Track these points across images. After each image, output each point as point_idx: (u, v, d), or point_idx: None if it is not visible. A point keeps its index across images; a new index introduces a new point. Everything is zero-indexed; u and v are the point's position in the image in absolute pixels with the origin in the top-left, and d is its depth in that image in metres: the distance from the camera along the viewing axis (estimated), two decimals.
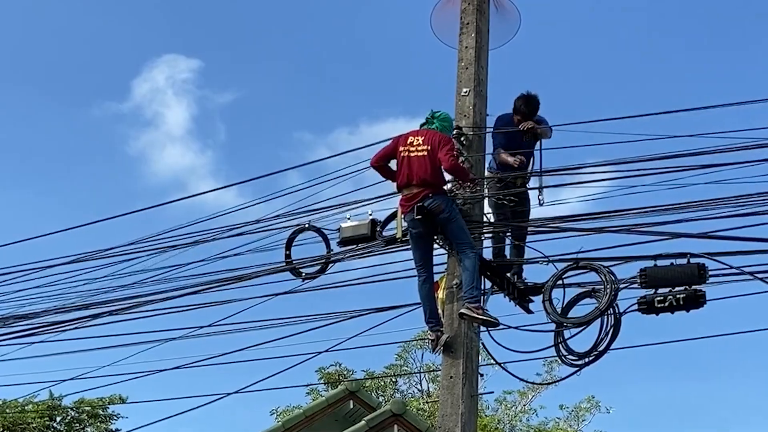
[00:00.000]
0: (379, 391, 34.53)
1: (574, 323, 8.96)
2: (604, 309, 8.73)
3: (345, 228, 9.88)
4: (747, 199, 8.64)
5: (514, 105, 10.26)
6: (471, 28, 10.08)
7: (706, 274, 8.50)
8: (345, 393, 18.59)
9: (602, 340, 8.89)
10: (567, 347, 9.11)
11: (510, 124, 10.15)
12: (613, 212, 9.17)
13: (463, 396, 9.03)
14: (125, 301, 10.84)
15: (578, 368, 9.08)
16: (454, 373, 9.11)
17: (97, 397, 28.48)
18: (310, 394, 32.72)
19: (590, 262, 8.96)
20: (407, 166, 9.32)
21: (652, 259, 8.68)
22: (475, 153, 9.69)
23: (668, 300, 8.48)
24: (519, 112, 10.20)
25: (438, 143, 9.28)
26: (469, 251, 9.10)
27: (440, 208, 9.12)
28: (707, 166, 8.96)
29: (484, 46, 10.10)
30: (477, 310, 8.99)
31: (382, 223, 9.80)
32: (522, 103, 10.22)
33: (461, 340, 9.16)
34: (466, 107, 9.81)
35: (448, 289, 9.36)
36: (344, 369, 34.02)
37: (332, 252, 10.05)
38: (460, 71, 9.96)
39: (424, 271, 9.32)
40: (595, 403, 35.16)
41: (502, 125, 10.12)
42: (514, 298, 9.75)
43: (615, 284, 8.72)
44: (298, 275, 10.24)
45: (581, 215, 9.40)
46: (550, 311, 8.99)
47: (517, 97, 10.26)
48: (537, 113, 10.20)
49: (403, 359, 34.97)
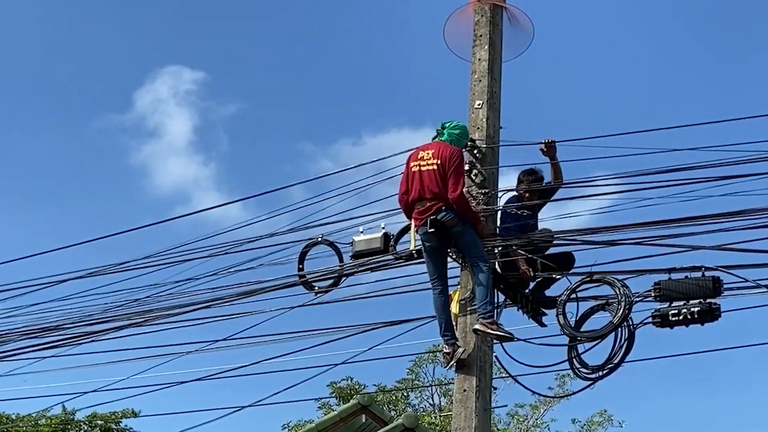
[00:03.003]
0: (391, 405, 34.45)
1: (588, 337, 8.95)
2: (619, 323, 8.71)
3: (358, 241, 9.87)
4: (762, 211, 8.60)
5: (518, 178, 10.20)
6: (484, 41, 10.07)
7: (721, 287, 8.49)
8: (357, 407, 18.52)
9: (616, 353, 8.88)
10: (581, 361, 9.09)
11: (525, 210, 9.93)
12: (627, 225, 9.13)
13: (476, 409, 9.00)
14: (139, 315, 10.84)
15: (592, 382, 9.06)
16: (467, 387, 9.09)
17: (110, 411, 28.48)
18: (322, 408, 32.69)
19: (604, 276, 8.95)
20: (419, 180, 9.28)
21: (666, 272, 8.66)
22: (488, 166, 9.67)
23: (683, 313, 8.45)
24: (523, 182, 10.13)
25: (448, 159, 9.20)
26: (483, 265, 9.06)
27: (453, 221, 9.09)
28: (721, 178, 8.92)
29: (498, 59, 10.09)
30: (491, 326, 8.96)
31: (396, 237, 9.79)
32: (524, 174, 10.16)
33: (475, 354, 9.14)
34: (479, 120, 9.80)
35: (461, 302, 9.35)
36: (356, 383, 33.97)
37: (345, 265, 10.05)
38: (473, 84, 9.96)
39: (438, 284, 9.27)
40: (608, 417, 35.10)
41: (513, 211, 9.86)
42: (527, 312, 9.73)
43: (629, 297, 8.70)
44: (311, 289, 10.24)
45: (594, 228, 9.37)
46: (564, 325, 8.97)
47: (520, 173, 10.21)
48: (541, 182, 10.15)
49: (414, 373, 34.95)
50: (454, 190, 9.11)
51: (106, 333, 11.04)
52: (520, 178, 10.20)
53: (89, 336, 11.09)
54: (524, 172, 10.17)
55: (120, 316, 10.95)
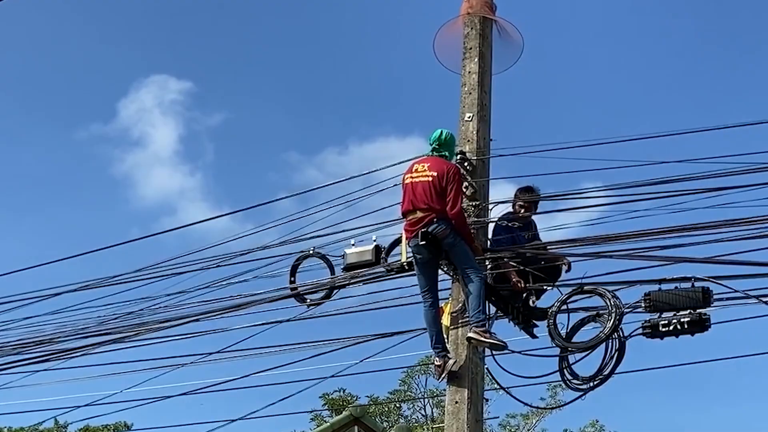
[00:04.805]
0: (384, 416, 34.44)
1: (579, 348, 8.99)
2: (609, 333, 8.75)
3: (349, 254, 9.90)
4: (751, 222, 8.65)
5: (514, 195, 10.22)
6: (474, 53, 10.12)
7: (711, 297, 8.53)
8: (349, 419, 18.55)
9: (607, 364, 8.92)
10: (572, 371, 9.13)
11: (515, 222, 9.99)
12: (617, 236, 9.18)
13: (468, 421, 9.03)
14: (131, 328, 10.85)
15: (583, 392, 9.10)
16: (459, 398, 9.12)
17: (103, 425, 28.46)
18: (315, 420, 32.65)
19: (595, 287, 8.98)
20: (411, 192, 9.28)
21: (656, 283, 8.70)
22: (479, 178, 9.71)
23: (673, 324, 8.49)
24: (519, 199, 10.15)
25: (446, 174, 9.20)
26: (474, 275, 9.08)
27: (445, 233, 9.09)
28: (709, 190, 8.98)
29: (488, 71, 10.14)
30: (485, 334, 8.99)
31: (387, 249, 9.81)
32: (521, 191, 10.19)
33: (466, 366, 9.16)
34: (469, 132, 9.84)
35: (452, 314, 9.37)
36: (348, 395, 33.95)
37: (337, 277, 10.08)
38: (464, 96, 10.00)
39: (429, 296, 9.29)
40: (600, 428, 35.13)
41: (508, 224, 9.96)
42: (518, 323, 9.76)
43: (619, 308, 8.74)
44: (303, 301, 10.26)
45: (584, 239, 9.41)
46: (555, 336, 9.01)
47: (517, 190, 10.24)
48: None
49: (406, 385, 34.94)
50: (453, 207, 9.13)
51: (100, 346, 11.06)
52: (517, 194, 10.20)
53: (82, 349, 11.10)
54: (521, 189, 10.19)
55: (113, 330, 10.97)
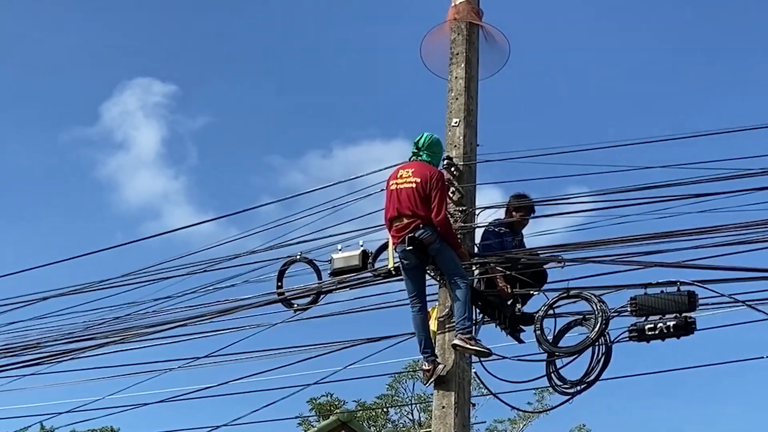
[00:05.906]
0: (371, 421, 34.42)
1: (566, 352, 9.01)
2: (595, 338, 8.78)
3: (337, 259, 9.91)
4: (736, 228, 8.70)
5: (509, 201, 10.23)
6: (461, 59, 10.14)
7: (696, 301, 8.57)
8: (337, 424, 18.58)
9: (593, 368, 8.95)
10: (559, 376, 9.15)
11: (503, 227, 10.00)
12: (603, 241, 9.21)
13: (455, 426, 9.04)
14: (118, 333, 10.84)
15: (570, 397, 9.12)
16: (446, 403, 9.13)
17: (89, 430, 28.36)
18: (302, 425, 32.63)
19: (581, 291, 9.01)
20: (396, 198, 9.28)
21: (642, 287, 8.74)
22: (465, 184, 9.72)
23: (659, 328, 8.54)
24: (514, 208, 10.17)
25: (429, 180, 9.19)
26: (460, 281, 9.08)
27: (431, 239, 9.09)
28: (695, 196, 9.03)
29: (474, 77, 10.16)
30: (470, 341, 9.00)
31: (374, 254, 9.82)
32: (516, 197, 10.21)
33: (454, 370, 9.18)
34: (456, 138, 9.85)
35: (439, 319, 9.39)
36: (335, 399, 33.94)
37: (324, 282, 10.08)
38: (450, 102, 10.01)
39: (417, 301, 9.29)
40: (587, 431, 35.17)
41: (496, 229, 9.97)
42: (505, 328, 9.78)
43: (606, 313, 8.77)
44: (290, 306, 10.27)
45: (570, 244, 9.44)
46: (542, 340, 9.03)
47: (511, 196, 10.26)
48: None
49: (394, 389, 34.94)
50: (438, 214, 9.13)
51: (85, 351, 11.03)
52: (512, 200, 10.19)
53: (68, 354, 11.09)
54: (514, 196, 10.21)
55: (99, 334, 10.95)
